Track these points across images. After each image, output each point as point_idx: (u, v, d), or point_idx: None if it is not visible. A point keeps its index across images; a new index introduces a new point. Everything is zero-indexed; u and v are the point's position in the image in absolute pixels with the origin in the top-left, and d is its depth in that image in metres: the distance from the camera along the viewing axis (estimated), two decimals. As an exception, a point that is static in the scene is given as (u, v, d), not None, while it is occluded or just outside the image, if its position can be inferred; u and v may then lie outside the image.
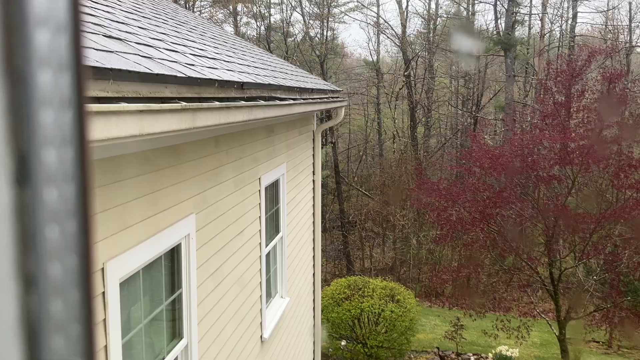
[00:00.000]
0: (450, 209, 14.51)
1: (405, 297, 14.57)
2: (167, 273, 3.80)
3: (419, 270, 25.96)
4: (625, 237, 12.68)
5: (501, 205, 13.39)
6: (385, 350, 13.91)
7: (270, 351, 6.37)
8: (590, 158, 12.16)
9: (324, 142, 28.56)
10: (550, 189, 13.87)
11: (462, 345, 15.20)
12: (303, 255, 8.33)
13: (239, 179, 5.00)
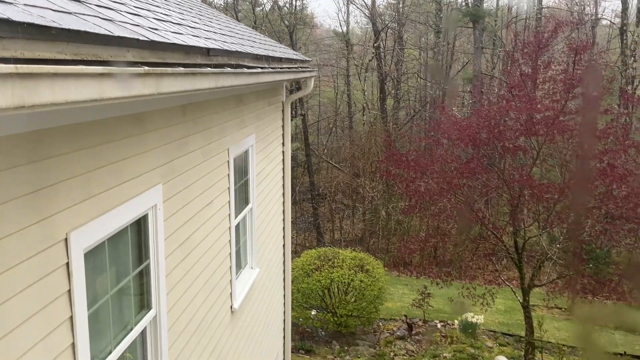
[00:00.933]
0: (418, 180, 14.65)
1: (374, 267, 14.78)
2: (134, 244, 3.74)
3: (388, 240, 26.30)
4: (587, 207, 13.02)
5: (468, 176, 13.57)
6: (355, 319, 14.14)
7: (240, 321, 6.39)
8: (555, 129, 12.38)
9: (294, 114, 28.41)
10: (515, 159, 14.11)
11: (429, 312, 15.54)
12: (273, 226, 8.33)
13: (207, 149, 4.93)
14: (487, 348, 13.98)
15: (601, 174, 12.23)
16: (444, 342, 14.24)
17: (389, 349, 13.85)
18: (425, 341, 14.35)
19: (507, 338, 14.58)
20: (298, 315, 14.34)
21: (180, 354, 4.39)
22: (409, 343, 14.23)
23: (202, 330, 4.95)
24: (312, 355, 13.53)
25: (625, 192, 12.37)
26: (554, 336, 14.44)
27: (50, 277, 2.64)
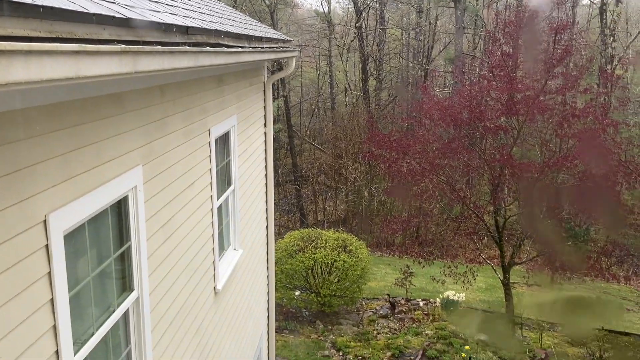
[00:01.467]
0: (401, 160, 14.71)
1: (357, 247, 14.87)
2: (115, 225, 3.72)
3: (371, 221, 26.46)
4: (567, 185, 13.21)
5: (450, 155, 13.66)
6: (338, 299, 14.25)
7: (224, 302, 6.41)
8: (535, 108, 12.48)
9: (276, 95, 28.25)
10: (496, 139, 14.22)
11: (411, 291, 15.73)
12: (256, 208, 8.32)
13: (187, 130, 4.88)
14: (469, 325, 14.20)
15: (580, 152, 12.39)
16: (426, 320, 14.44)
17: (372, 328, 14.01)
18: (407, 319, 14.53)
19: (488, 315, 14.82)
20: (282, 296, 14.41)
21: (163, 335, 4.40)
22: (391, 321, 14.41)
23: (186, 311, 4.95)
24: (296, 335, 13.64)
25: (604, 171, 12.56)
26: (533, 313, 14.71)
27: (30, 260, 2.61)
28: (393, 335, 13.62)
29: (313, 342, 13.29)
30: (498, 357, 12.58)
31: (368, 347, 13.02)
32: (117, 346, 3.84)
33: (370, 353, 12.75)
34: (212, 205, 5.72)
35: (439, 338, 13.33)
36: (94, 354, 3.41)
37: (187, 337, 5.01)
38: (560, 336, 13.79)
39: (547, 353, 12.79)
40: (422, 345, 13.04)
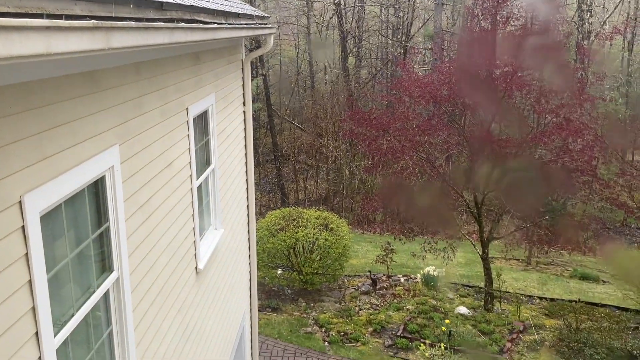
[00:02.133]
0: (381, 138, 14.73)
1: (339, 225, 14.94)
2: (92, 206, 3.68)
3: (352, 199, 26.58)
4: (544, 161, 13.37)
5: (429, 133, 13.72)
6: (320, 277, 14.35)
7: (206, 281, 6.41)
8: (513, 84, 12.55)
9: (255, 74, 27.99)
10: (475, 116, 14.30)
11: (392, 267, 15.90)
12: (236, 187, 8.29)
13: (164, 109, 4.82)
14: (449, 299, 14.44)
15: (557, 128, 12.53)
16: (407, 295, 14.63)
17: (354, 304, 14.16)
18: (389, 295, 14.71)
19: (468, 289, 15.07)
20: (264, 275, 14.47)
21: (145, 315, 4.39)
22: (373, 297, 14.57)
23: (167, 291, 4.95)
24: (278, 312, 13.73)
25: (581, 146, 12.74)
26: (512, 286, 14.99)
27: (6, 241, 2.58)
28: (375, 311, 13.79)
29: (296, 320, 13.40)
30: (477, 330, 12.83)
31: (350, 323, 13.18)
32: (98, 327, 3.83)
33: (352, 329, 12.91)
34: (191, 185, 5.68)
35: (420, 312, 13.53)
36: (74, 335, 3.39)
37: (169, 317, 5.01)
38: (537, 309, 14.09)
39: (525, 325, 13.07)
40: (403, 320, 13.23)
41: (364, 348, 12.27)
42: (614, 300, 14.62)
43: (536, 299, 14.75)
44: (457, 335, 12.37)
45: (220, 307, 7.21)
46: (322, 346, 12.34)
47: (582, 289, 15.90)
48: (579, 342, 11.82)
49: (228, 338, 7.72)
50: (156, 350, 4.66)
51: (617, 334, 12.08)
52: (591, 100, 13.29)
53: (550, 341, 12.36)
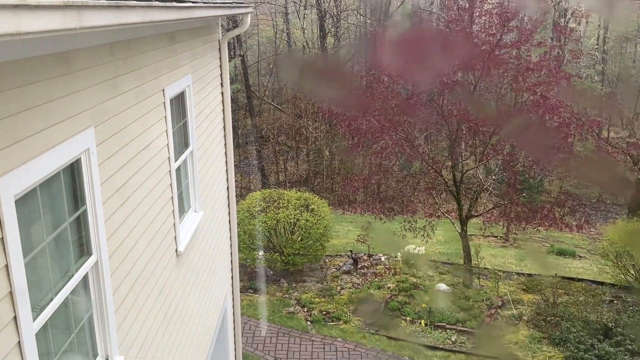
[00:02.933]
0: (360, 118, 14.73)
1: (319, 206, 14.98)
2: (68, 189, 3.63)
3: (332, 180, 26.63)
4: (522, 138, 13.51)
5: (408, 112, 13.75)
6: (302, 257, 14.42)
7: (187, 263, 6.40)
8: (490, 63, 12.61)
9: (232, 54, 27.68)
10: (453, 94, 14.35)
11: (373, 247, 16.03)
12: (215, 169, 8.24)
13: (140, 90, 4.75)
14: (429, 277, 14.63)
15: (534, 105, 12.65)
16: (388, 273, 14.78)
17: (336, 284, 14.27)
18: (370, 274, 14.85)
19: (447, 267, 15.27)
20: (246, 257, 14.48)
21: (125, 298, 4.37)
22: (354, 277, 14.69)
23: (147, 274, 4.93)
24: (261, 294, 13.79)
25: (557, 123, 12.89)
26: (490, 263, 15.23)
27: (-20, 226, 2.54)
28: (356, 290, 13.92)
29: (278, 300, 13.47)
30: (457, 306, 13.04)
31: (332, 302, 13.29)
32: (78, 311, 3.81)
33: (334, 308, 13.03)
34: (170, 167, 5.64)
35: (401, 290, 13.69)
36: (54, 319, 3.37)
37: (150, 300, 5.00)
38: (515, 284, 14.35)
39: (503, 300, 13.32)
40: (384, 298, 13.38)
41: (346, 326, 12.41)
42: (590, 275, 14.94)
43: (514, 275, 15.02)
44: (437, 312, 12.57)
45: (202, 289, 7.21)
46: (305, 325, 12.45)
47: (559, 264, 16.21)
48: (556, 316, 12.09)
49: (210, 319, 7.74)
50: (137, 332, 4.65)
51: (593, 308, 12.37)
52: (567, 78, 13.42)
53: (528, 316, 12.62)
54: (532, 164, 13.55)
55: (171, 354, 5.66)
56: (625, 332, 11.15)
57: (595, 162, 14.55)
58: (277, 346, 11.70)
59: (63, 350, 3.59)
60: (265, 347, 11.69)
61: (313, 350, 11.57)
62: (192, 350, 6.61)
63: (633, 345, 10.90)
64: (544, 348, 11.49)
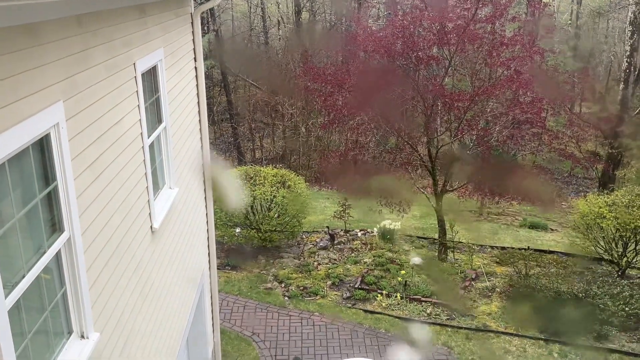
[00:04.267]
0: (336, 94, 14.67)
1: (296, 182, 14.98)
2: (38, 165, 3.56)
3: (309, 157, 26.60)
4: (495, 114, 13.63)
5: (384, 88, 13.73)
6: (279, 234, 14.44)
7: (162, 240, 6.36)
8: (465, 37, 12.63)
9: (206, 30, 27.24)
10: (429, 70, 14.37)
11: (349, 223, 16.12)
12: (190, 145, 8.16)
13: (111, 63, 4.65)
14: (404, 251, 14.81)
15: (508, 80, 12.74)
16: (365, 249, 14.91)
17: (313, 259, 14.35)
18: (346, 249, 14.96)
19: (422, 241, 15.46)
20: (223, 234, 14.45)
21: (99, 275, 4.34)
22: (331, 252, 14.79)
23: (122, 250, 4.89)
24: (238, 270, 13.81)
25: (530, 98, 13.02)
26: (464, 237, 15.45)
27: (-55, 201, 2.48)
28: (333, 265, 14.03)
29: (255, 277, 13.52)
30: (432, 279, 13.25)
31: (309, 277, 13.38)
32: (52, 288, 3.77)
33: (311, 283, 13.12)
34: (142, 143, 5.56)
35: (377, 265, 13.84)
36: (27, 296, 3.34)
37: (125, 276, 4.97)
38: (489, 257, 14.61)
39: (477, 273, 13.56)
40: (360, 273, 13.52)
41: (323, 301, 12.52)
42: (561, 247, 15.27)
43: (487, 248, 15.29)
44: (413, 285, 12.75)
45: (179, 266, 7.18)
46: (282, 301, 12.53)
47: (531, 237, 16.54)
48: (529, 287, 12.37)
49: (188, 296, 7.73)
50: (113, 309, 4.63)
51: (564, 279, 12.67)
52: (541, 53, 13.52)
53: (501, 287, 12.89)
54: (506, 139, 13.69)
55: (148, 330, 5.66)
56: (595, 302, 11.46)
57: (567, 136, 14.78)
58: (254, 322, 11.77)
59: (37, 327, 3.56)
60: (243, 323, 11.75)
61: (291, 324, 11.68)
62: (170, 326, 6.62)
63: (602, 314, 11.23)
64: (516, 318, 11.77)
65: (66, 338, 3.91)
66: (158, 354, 6.03)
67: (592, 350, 10.77)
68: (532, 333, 11.29)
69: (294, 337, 11.27)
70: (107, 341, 4.45)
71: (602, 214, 12.80)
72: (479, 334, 11.35)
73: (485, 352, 10.87)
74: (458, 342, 11.11)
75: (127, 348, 4.95)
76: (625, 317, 11.22)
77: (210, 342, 9.36)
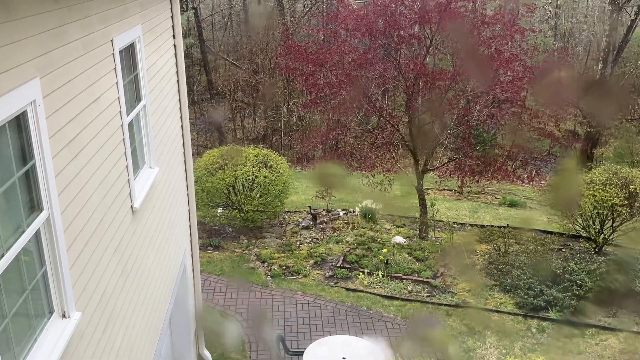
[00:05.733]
0: (318, 73, 14.58)
1: (278, 162, 14.94)
2: (15, 143, 3.51)
3: (290, 137, 26.52)
4: (476, 93, 13.69)
5: (365, 67, 13.70)
6: (261, 214, 14.44)
7: (143, 220, 6.32)
8: (447, 16, 12.60)
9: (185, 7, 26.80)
10: (410, 49, 14.35)
11: (331, 202, 16.18)
12: (170, 124, 8.07)
13: (88, 40, 4.57)
14: (386, 230, 14.92)
15: (489, 59, 12.77)
16: (347, 228, 14.99)
17: (295, 239, 14.40)
18: (328, 229, 15.03)
19: (404, 220, 15.58)
20: (204, 214, 14.41)
21: (80, 254, 4.31)
22: (313, 232, 14.85)
23: (103, 230, 4.85)
24: (220, 250, 13.81)
25: (511, 77, 13.09)
26: (445, 215, 15.61)
27: None
28: (315, 245, 14.09)
29: (238, 257, 13.53)
30: (413, 257, 13.39)
31: (292, 257, 13.44)
32: (32, 267, 3.74)
33: (294, 262, 13.19)
34: (122, 122, 5.49)
35: (359, 244, 13.94)
36: (5, 277, 3.30)
37: (106, 256, 4.94)
38: (469, 235, 14.79)
39: (457, 251, 13.73)
40: (342, 252, 13.61)
41: (305, 280, 12.60)
42: (540, 225, 15.50)
43: (468, 226, 15.47)
44: (394, 263, 12.88)
45: (160, 245, 7.16)
46: (265, 280, 12.58)
47: (510, 215, 16.77)
48: (507, 264, 12.57)
49: (170, 276, 7.72)
50: (94, 288, 4.61)
51: (542, 256, 12.90)
52: (521, 31, 13.56)
53: (480, 265, 13.08)
54: (487, 118, 13.78)
55: (130, 309, 5.65)
56: (572, 278, 11.70)
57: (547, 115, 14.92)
58: (237, 301, 11.82)
59: (17, 307, 3.53)
60: (226, 302, 11.79)
61: (273, 303, 11.75)
62: (152, 306, 6.61)
63: (579, 290, 11.47)
64: (495, 295, 11.98)
65: (47, 317, 3.89)
66: (141, 333, 6.04)
67: (569, 325, 11.02)
68: (511, 309, 11.51)
69: (277, 316, 11.35)
70: (89, 320, 4.44)
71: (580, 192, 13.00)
72: (459, 310, 11.54)
73: (465, 327, 11.06)
74: (439, 319, 11.28)
75: (110, 327, 4.94)
76: (601, 293, 11.48)
77: (192, 322, 9.38)
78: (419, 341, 10.70)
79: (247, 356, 10.19)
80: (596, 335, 10.81)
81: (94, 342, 4.53)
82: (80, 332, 4.20)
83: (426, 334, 10.97)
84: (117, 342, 5.14)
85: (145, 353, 6.17)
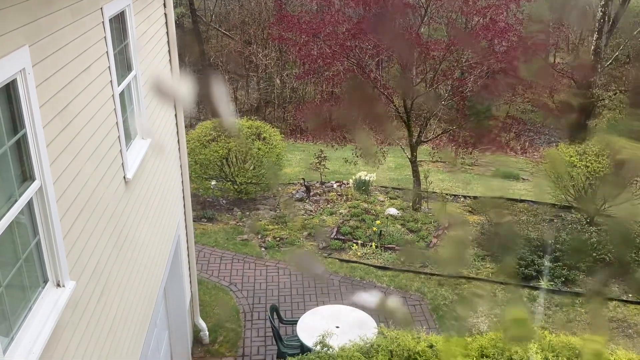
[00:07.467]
0: (311, 43, 14.43)
1: (271, 134, 14.90)
2: (5, 113, 3.47)
3: (284, 109, 26.38)
4: (471, 63, 13.61)
5: (359, 37, 13.56)
6: (254, 186, 14.45)
7: (136, 191, 6.31)
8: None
9: (176, -23, 26.32)
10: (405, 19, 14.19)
11: (325, 174, 16.20)
12: (162, 95, 8.00)
13: (77, 7, 4.48)
14: (379, 202, 14.98)
15: (484, 29, 12.67)
16: (340, 200, 15.04)
17: (289, 211, 14.44)
18: (322, 201, 15.07)
19: (397, 192, 15.64)
20: (198, 187, 14.40)
21: (73, 224, 4.31)
22: (307, 204, 14.89)
23: (96, 200, 4.84)
24: (214, 222, 13.85)
25: (505, 47, 13.01)
26: (438, 187, 15.68)
27: None
28: (309, 216, 14.15)
29: (232, 228, 13.58)
30: (406, 228, 13.48)
31: (285, 228, 13.50)
32: (25, 237, 3.74)
33: (287, 234, 13.25)
34: (113, 91, 5.44)
35: (352, 216, 14.00)
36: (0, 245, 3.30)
37: (100, 226, 4.94)
38: (462, 207, 14.88)
39: (450, 222, 13.82)
40: (336, 223, 13.68)
41: (299, 251, 12.67)
42: (532, 196, 15.61)
43: (461, 198, 15.55)
44: (387, 235, 12.97)
45: (153, 216, 7.16)
46: (259, 252, 12.65)
47: (503, 187, 16.85)
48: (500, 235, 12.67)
49: (164, 247, 7.75)
50: (88, 258, 4.62)
51: (534, 226, 13.02)
52: (516, 1, 13.42)
53: (473, 235, 13.19)
54: (481, 89, 13.72)
55: (125, 279, 5.68)
56: (563, 249, 11.84)
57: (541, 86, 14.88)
58: (232, 272, 11.90)
59: (11, 276, 3.54)
60: (220, 273, 11.87)
61: (267, 274, 11.84)
62: (147, 276, 6.65)
63: (570, 260, 11.61)
64: (487, 265, 12.11)
65: (42, 287, 3.90)
66: (136, 302, 6.08)
67: (560, 295, 11.19)
68: (502, 278, 11.65)
69: (271, 287, 11.44)
70: (84, 290, 4.46)
71: (572, 163, 13.06)
72: (450, 280, 11.67)
73: (456, 297, 11.21)
74: (431, 289, 11.42)
75: (104, 297, 4.97)
76: (592, 263, 11.63)
77: (187, 292, 9.46)
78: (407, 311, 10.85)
79: (242, 326, 10.30)
80: (586, 304, 10.97)
81: (89, 311, 4.57)
82: (75, 301, 4.22)
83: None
84: (112, 311, 5.18)
85: (140, 322, 6.23)
